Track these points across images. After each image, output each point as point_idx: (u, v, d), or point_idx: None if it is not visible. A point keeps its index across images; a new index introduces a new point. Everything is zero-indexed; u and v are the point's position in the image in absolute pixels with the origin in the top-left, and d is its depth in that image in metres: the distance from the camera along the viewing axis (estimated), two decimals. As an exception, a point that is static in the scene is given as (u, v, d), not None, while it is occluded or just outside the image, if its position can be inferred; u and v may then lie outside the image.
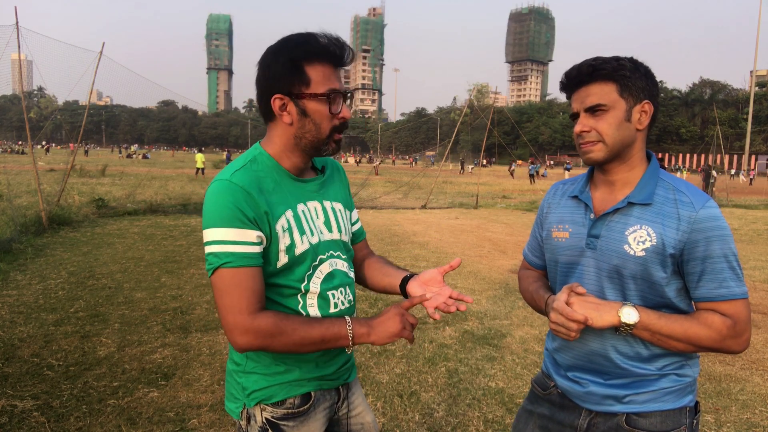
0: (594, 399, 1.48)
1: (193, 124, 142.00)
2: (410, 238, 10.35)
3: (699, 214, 1.35)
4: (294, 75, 1.37)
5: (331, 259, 1.50)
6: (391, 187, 23.14)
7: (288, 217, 1.41)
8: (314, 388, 1.50)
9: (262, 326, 1.30)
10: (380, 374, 3.93)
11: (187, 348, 4.29)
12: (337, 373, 1.55)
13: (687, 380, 1.45)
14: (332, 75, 1.41)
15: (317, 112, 1.40)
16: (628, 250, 1.39)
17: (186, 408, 3.36)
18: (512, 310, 5.62)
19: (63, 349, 4.21)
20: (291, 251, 1.40)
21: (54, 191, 11.27)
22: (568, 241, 1.52)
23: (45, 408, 3.29)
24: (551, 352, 1.62)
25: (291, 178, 1.46)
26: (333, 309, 1.48)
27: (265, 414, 1.45)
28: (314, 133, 1.42)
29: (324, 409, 1.52)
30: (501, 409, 3.47)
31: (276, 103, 1.39)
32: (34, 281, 6.18)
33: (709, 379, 4.04)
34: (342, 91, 1.42)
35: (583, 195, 1.52)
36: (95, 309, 5.22)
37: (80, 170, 22.07)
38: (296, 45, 1.38)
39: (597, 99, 1.40)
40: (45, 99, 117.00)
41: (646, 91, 1.40)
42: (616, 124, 1.39)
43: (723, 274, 1.35)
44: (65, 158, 18.64)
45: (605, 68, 1.39)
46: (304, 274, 1.44)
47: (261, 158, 1.44)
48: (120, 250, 8.09)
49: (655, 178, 1.43)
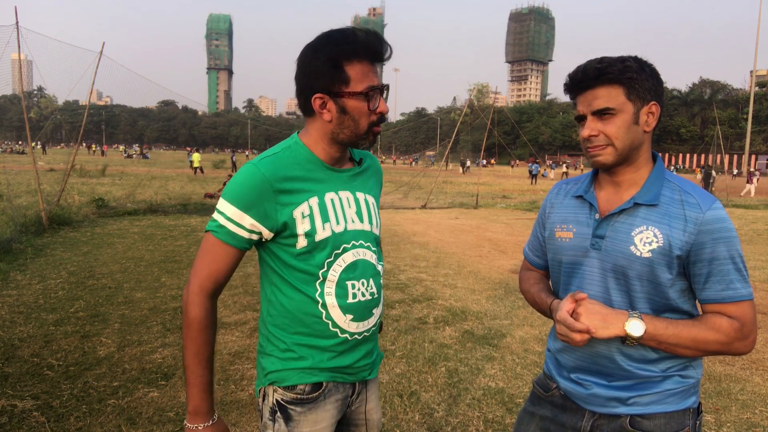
0: (598, 401, 1.47)
1: (193, 124, 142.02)
2: (410, 238, 10.36)
3: (706, 216, 1.34)
4: (334, 74, 1.40)
5: (357, 249, 1.51)
6: (391, 186, 23.14)
7: (312, 203, 1.44)
8: (327, 379, 1.51)
9: (196, 310, 1.43)
10: (380, 374, 3.92)
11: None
12: (353, 368, 1.56)
13: (691, 381, 1.45)
14: (370, 71, 1.43)
15: (356, 109, 1.43)
16: (635, 251, 1.38)
17: (186, 408, 3.35)
18: (512, 310, 5.62)
19: (63, 349, 4.20)
20: (311, 237, 1.44)
21: (54, 191, 11.25)
22: (572, 241, 1.50)
23: (45, 408, 3.29)
24: (554, 353, 1.61)
25: (324, 167, 1.49)
26: (351, 299, 1.49)
27: (276, 395, 1.50)
28: (353, 128, 1.45)
29: (336, 400, 1.53)
30: (501, 409, 3.47)
31: (316, 102, 1.43)
32: (34, 281, 6.17)
33: (709, 379, 4.04)
34: (379, 87, 1.44)
35: (588, 195, 1.51)
36: (95, 309, 5.22)
37: (80, 170, 22.07)
38: (336, 43, 1.40)
39: (605, 103, 1.37)
40: (45, 99, 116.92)
41: (653, 91, 1.39)
42: (625, 128, 1.38)
43: (730, 275, 1.34)
44: (68, 158, 18.65)
45: (611, 71, 1.36)
46: (324, 260, 1.46)
47: (296, 147, 1.48)
48: (120, 250, 8.08)
49: (661, 179, 1.42)
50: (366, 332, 1.55)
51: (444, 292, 6.17)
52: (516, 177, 40.18)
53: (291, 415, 1.48)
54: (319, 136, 1.47)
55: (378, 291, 1.57)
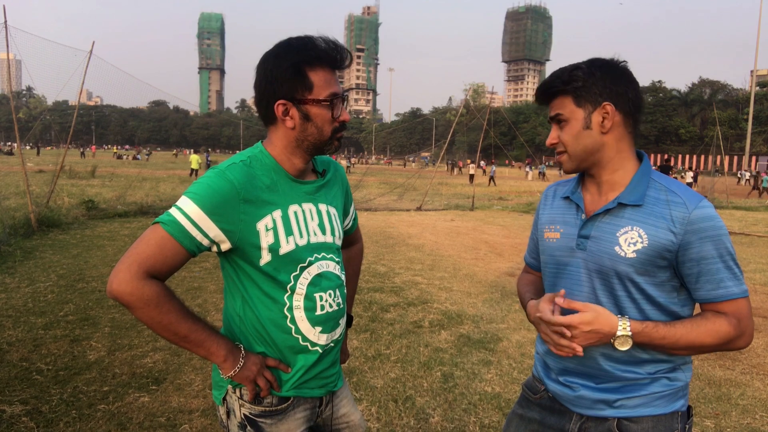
0: (585, 403, 1.47)
1: (185, 124, 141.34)
2: (405, 240, 10.32)
3: (692, 215, 1.34)
4: (297, 80, 1.40)
5: (321, 261, 1.52)
6: (385, 188, 23.11)
7: (275, 216, 1.43)
8: (294, 394, 1.51)
9: (145, 289, 1.29)
10: (374, 379, 3.89)
11: (178, 352, 4.24)
12: (320, 378, 1.56)
13: (679, 384, 1.45)
14: (332, 79, 1.44)
15: (319, 116, 1.43)
16: (619, 252, 1.38)
17: (177, 413, 3.32)
18: (508, 314, 5.59)
19: (52, 353, 4.14)
20: (275, 251, 1.42)
21: (43, 193, 11.15)
22: (559, 241, 1.52)
23: (34, 413, 3.24)
24: (542, 355, 1.62)
25: (289, 179, 1.48)
26: (320, 311, 1.50)
27: (243, 410, 1.48)
28: (316, 135, 1.45)
29: (305, 410, 1.54)
30: (497, 414, 3.44)
31: (279, 108, 1.42)
32: (23, 284, 6.09)
33: (708, 384, 4.01)
34: (341, 95, 1.45)
35: (575, 195, 1.53)
36: (85, 312, 5.15)
37: (70, 171, 21.86)
38: (297, 50, 1.40)
39: (556, 110, 1.45)
40: (34, 99, 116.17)
41: (606, 93, 1.40)
42: (575, 134, 1.42)
43: (719, 274, 1.34)
44: (57, 159, 18.52)
45: (556, 84, 1.44)
46: (290, 274, 1.46)
47: (261, 157, 1.47)
48: (110, 253, 7.99)
49: (647, 180, 1.42)
50: (332, 343, 1.57)
51: (439, 296, 6.14)
52: (513, 178, 40.19)
53: (262, 428, 1.48)
54: (283, 145, 1.46)
55: (343, 301, 1.59)
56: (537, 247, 1.68)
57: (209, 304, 5.58)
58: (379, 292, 6.25)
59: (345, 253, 1.82)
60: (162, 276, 1.35)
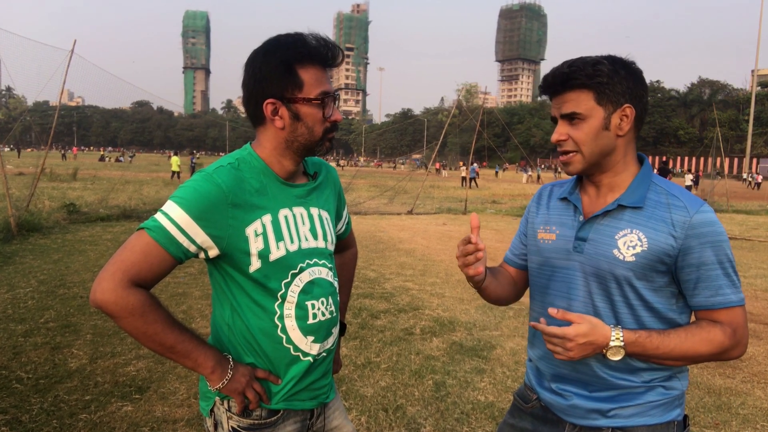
0: (578, 413, 1.44)
1: (169, 125, 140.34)
2: (396, 245, 10.25)
3: (693, 219, 1.31)
4: (287, 78, 1.35)
5: (313, 268, 1.47)
6: (375, 191, 23.01)
7: (264, 221, 1.38)
8: (284, 407, 1.46)
9: (130, 299, 1.25)
10: (364, 387, 3.83)
11: (162, 360, 4.14)
12: (311, 389, 1.51)
13: (675, 393, 1.42)
14: (323, 77, 1.39)
15: (310, 116, 1.39)
16: (618, 255, 1.35)
17: (161, 423, 3.25)
18: (502, 321, 5.55)
19: (32, 361, 4.04)
20: (265, 257, 1.38)
21: (23, 196, 10.93)
22: (555, 243, 1.49)
23: (14, 423, 3.16)
24: (534, 361, 1.58)
25: (279, 182, 1.44)
26: (312, 320, 1.45)
27: (231, 423, 1.43)
28: (307, 136, 1.40)
29: (295, 423, 1.50)
30: (491, 423, 3.40)
31: (268, 108, 1.37)
32: (2, 290, 5.94)
33: (708, 393, 3.98)
34: (333, 94, 1.41)
35: (573, 197, 1.50)
36: (66, 319, 5.04)
37: (50, 174, 21.51)
38: (287, 47, 1.36)
39: (573, 107, 1.35)
40: (14, 99, 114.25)
41: (628, 94, 1.35)
42: (594, 134, 1.35)
43: (718, 281, 1.32)
44: (38, 161, 18.27)
45: (579, 76, 1.33)
46: (281, 281, 1.41)
47: (250, 159, 1.42)
48: (92, 258, 7.84)
49: (647, 182, 1.40)
50: (325, 353, 1.52)
51: (431, 302, 6.09)
52: (506, 181, 40.28)
53: None
54: (272, 146, 1.42)
55: (336, 309, 1.55)
56: (522, 244, 1.65)
57: (194, 311, 5.48)
58: (368, 298, 6.19)
59: (338, 259, 1.78)
60: (147, 284, 1.30)
